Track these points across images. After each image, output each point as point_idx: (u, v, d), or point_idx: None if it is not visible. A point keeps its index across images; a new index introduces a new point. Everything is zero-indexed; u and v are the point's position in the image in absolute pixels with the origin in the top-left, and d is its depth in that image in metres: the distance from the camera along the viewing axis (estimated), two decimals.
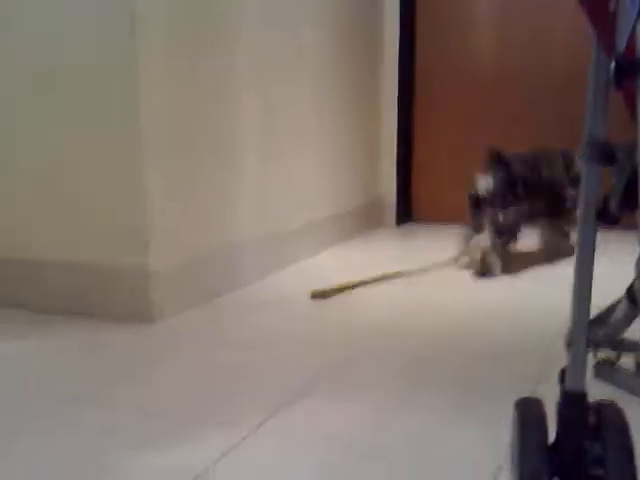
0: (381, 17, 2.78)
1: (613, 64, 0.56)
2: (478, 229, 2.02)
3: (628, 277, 0.88)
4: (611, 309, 0.88)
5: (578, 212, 0.88)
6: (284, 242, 2.16)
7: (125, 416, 1.15)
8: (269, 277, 2.03)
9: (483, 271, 2.01)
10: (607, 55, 0.65)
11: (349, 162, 2.62)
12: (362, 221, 2.72)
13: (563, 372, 0.86)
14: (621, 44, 0.58)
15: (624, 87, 0.57)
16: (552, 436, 0.82)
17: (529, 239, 2.20)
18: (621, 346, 1.10)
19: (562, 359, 0.84)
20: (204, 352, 1.45)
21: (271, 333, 1.57)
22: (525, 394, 0.87)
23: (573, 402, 0.83)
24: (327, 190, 2.46)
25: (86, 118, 1.62)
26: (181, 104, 1.70)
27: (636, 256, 0.80)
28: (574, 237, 2.21)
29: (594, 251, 0.85)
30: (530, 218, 2.07)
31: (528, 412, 0.86)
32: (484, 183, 2.01)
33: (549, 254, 2.19)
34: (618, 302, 0.87)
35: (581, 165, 0.87)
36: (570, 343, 0.84)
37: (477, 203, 2.02)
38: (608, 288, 0.98)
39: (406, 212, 2.92)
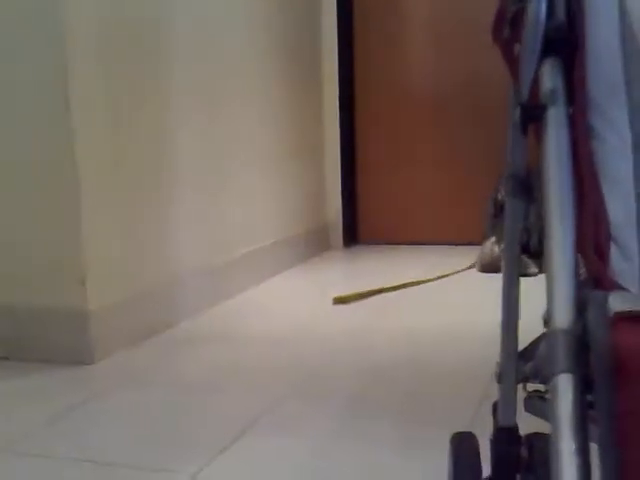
0: (319, 39, 2.79)
1: (518, 109, 0.57)
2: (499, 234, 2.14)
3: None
4: (537, 341, 0.89)
5: (503, 245, 0.89)
6: (226, 273, 2.14)
7: (62, 465, 1.11)
8: (211, 310, 2.00)
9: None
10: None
11: (292, 186, 2.61)
12: (308, 245, 2.71)
13: (495, 406, 0.87)
14: (525, 88, 0.58)
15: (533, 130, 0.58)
16: (487, 470, 0.83)
17: None
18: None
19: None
20: (145, 394, 1.42)
21: (213, 370, 1.55)
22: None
23: (505, 436, 0.84)
24: (271, 216, 2.45)
25: (20, 155, 1.58)
26: (118, 140, 1.67)
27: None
28: None
29: (519, 284, 0.86)
30: None
31: (462, 447, 0.87)
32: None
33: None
34: (544, 334, 0.88)
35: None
36: (500, 378, 0.84)
37: (501, 209, 2.12)
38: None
39: (353, 234, 2.93)
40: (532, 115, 0.56)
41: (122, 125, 1.69)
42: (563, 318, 0.46)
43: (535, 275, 2.02)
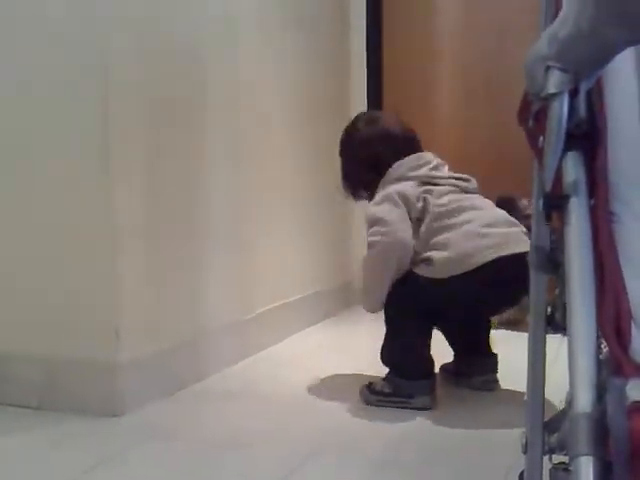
0: (348, 91, 2.87)
1: (541, 200, 0.61)
2: None
3: None
4: (562, 414, 0.91)
5: (528, 318, 0.91)
6: (253, 328, 2.17)
7: None
8: (237, 365, 2.02)
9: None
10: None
11: (319, 242, 2.66)
12: (334, 301, 2.74)
13: (521, 476, 0.88)
14: (548, 180, 0.62)
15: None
16: None
17: None
18: None
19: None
20: (171, 449, 1.44)
21: (239, 427, 1.57)
22: None
23: None
24: (297, 271, 2.49)
25: (56, 206, 1.65)
26: (152, 195, 1.74)
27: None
28: None
29: (545, 357, 0.88)
30: None
31: None
32: None
33: None
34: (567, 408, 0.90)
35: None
36: (526, 448, 0.86)
37: None
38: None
39: None
40: (555, 205, 0.60)
41: (156, 177, 1.75)
42: (584, 403, 0.49)
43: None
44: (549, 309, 0.93)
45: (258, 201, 2.22)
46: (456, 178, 1.78)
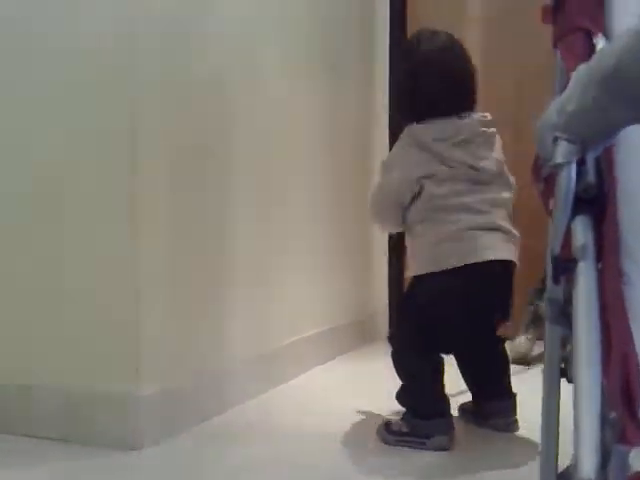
0: (370, 147, 2.90)
1: (550, 264, 0.62)
2: None
3: None
4: (571, 470, 0.92)
5: (542, 370, 0.92)
6: (273, 362, 2.19)
7: None
8: (256, 399, 2.04)
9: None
10: None
11: (339, 276, 2.68)
12: (353, 336, 2.75)
13: None
14: (557, 244, 0.64)
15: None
16: None
17: None
18: None
19: None
20: None
21: (256, 464, 1.58)
22: None
23: None
24: (317, 306, 2.51)
25: (83, 242, 1.69)
26: (175, 230, 1.78)
27: None
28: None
29: (559, 408, 0.89)
30: None
31: None
32: None
33: None
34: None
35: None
36: None
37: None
38: None
39: None
40: (564, 268, 0.61)
41: (180, 212, 1.79)
42: (588, 469, 0.50)
43: None
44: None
45: (279, 235, 2.25)
46: (470, 166, 1.68)
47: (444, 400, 1.70)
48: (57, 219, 1.72)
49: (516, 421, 1.78)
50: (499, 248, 1.66)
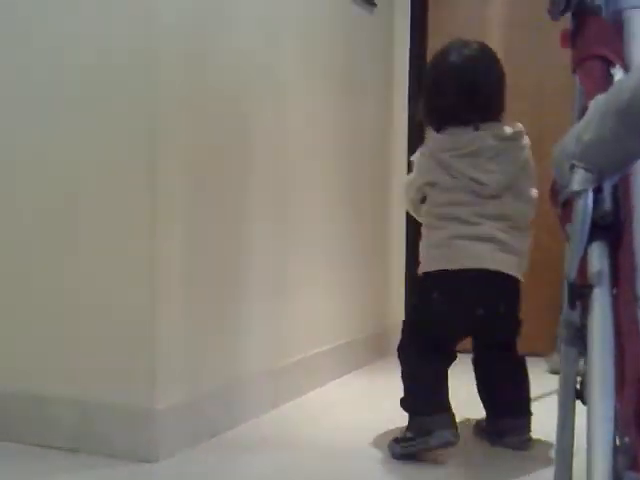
0: (389, 162, 2.91)
1: (567, 288, 0.63)
2: None
3: None
4: None
5: (558, 392, 0.93)
6: (288, 375, 2.20)
7: None
8: (270, 413, 2.05)
9: None
10: None
11: (355, 290, 2.68)
12: (370, 350, 2.75)
13: None
14: (572, 270, 0.65)
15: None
16: None
17: None
18: None
19: None
20: None
21: (276, 476, 1.58)
22: None
23: None
24: (332, 320, 2.51)
25: (99, 263, 1.71)
26: (194, 239, 1.79)
27: None
28: None
29: (573, 430, 0.89)
30: None
31: None
32: None
33: None
34: None
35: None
36: None
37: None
38: None
39: None
40: (580, 294, 0.62)
41: (198, 225, 1.81)
42: None
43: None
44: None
45: (294, 256, 2.26)
46: (472, 178, 1.73)
47: (444, 397, 1.70)
48: (73, 235, 1.73)
49: (530, 439, 1.77)
50: (484, 258, 1.69)
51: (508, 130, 1.78)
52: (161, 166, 1.67)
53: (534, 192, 1.80)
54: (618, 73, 0.71)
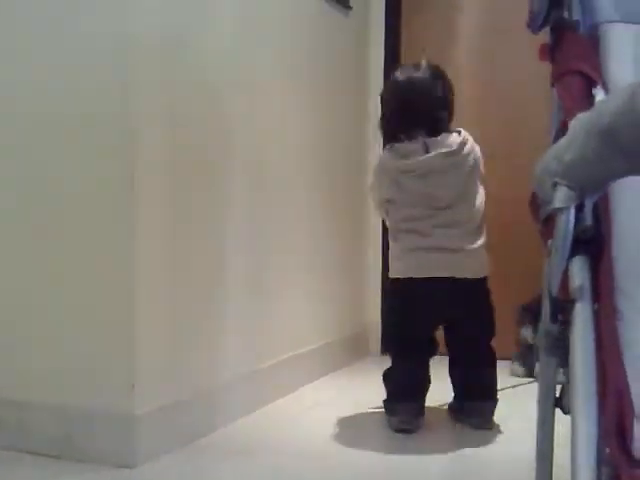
0: (364, 155, 2.93)
1: (548, 303, 0.64)
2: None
3: None
4: None
5: (537, 400, 0.94)
6: (268, 378, 2.20)
7: None
8: (251, 416, 2.05)
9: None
10: None
11: (334, 293, 2.69)
12: (347, 351, 2.76)
13: None
14: (555, 285, 0.66)
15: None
16: None
17: None
18: None
19: None
20: None
21: (258, 479, 1.59)
22: None
23: None
24: (309, 322, 2.52)
25: (77, 261, 1.70)
26: (172, 242, 1.79)
27: None
28: None
29: (553, 440, 0.90)
30: None
31: None
32: None
33: None
34: None
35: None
36: None
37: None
38: None
39: None
40: (561, 308, 0.63)
41: (176, 229, 1.81)
42: None
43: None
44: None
45: (274, 253, 2.26)
46: (426, 195, 1.89)
47: (415, 388, 1.94)
48: (56, 236, 1.72)
49: (492, 421, 1.94)
50: (436, 267, 1.88)
51: (454, 144, 1.90)
52: (141, 166, 1.66)
53: (481, 193, 1.97)
54: (599, 93, 0.73)
